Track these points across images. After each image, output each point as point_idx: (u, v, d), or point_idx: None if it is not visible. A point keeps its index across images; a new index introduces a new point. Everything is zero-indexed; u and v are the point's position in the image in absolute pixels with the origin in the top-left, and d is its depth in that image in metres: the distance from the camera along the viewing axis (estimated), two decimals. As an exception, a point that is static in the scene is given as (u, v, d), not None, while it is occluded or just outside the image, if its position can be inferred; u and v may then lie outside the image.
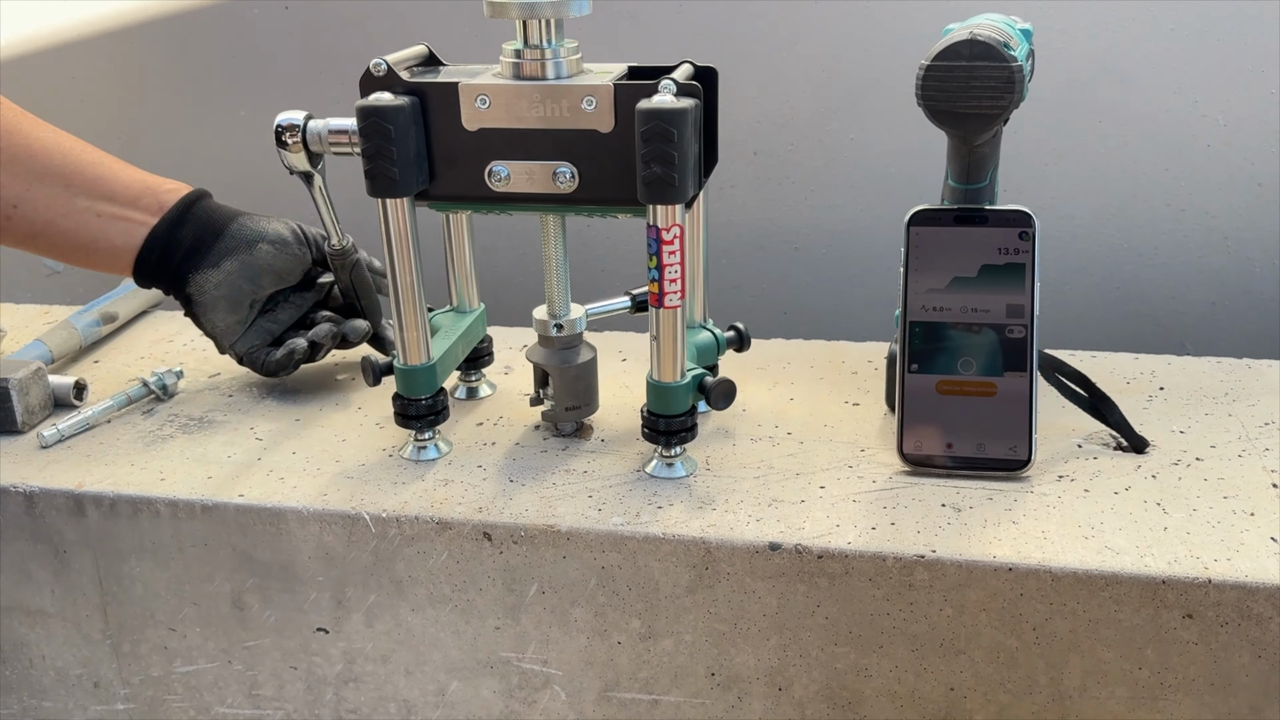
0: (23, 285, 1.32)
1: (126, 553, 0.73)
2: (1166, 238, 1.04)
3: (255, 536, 0.70)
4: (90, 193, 0.78)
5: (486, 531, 0.67)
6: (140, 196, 0.79)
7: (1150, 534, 0.62)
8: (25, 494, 0.73)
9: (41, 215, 0.77)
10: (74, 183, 0.78)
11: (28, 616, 0.77)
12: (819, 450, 0.73)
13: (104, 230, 0.78)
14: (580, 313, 0.74)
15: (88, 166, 0.78)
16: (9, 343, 0.94)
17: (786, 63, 1.06)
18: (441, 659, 0.71)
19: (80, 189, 0.78)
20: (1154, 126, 1.01)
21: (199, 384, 0.87)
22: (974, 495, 0.67)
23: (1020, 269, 0.69)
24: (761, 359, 0.87)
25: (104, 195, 0.78)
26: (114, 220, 0.78)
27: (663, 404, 0.68)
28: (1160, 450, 0.71)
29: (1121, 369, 0.84)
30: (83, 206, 0.78)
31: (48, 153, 0.78)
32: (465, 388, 0.83)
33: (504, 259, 1.18)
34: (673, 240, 0.63)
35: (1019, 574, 0.61)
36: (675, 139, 0.61)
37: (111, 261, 0.79)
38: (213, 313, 0.80)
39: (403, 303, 0.69)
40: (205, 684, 0.76)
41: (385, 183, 0.66)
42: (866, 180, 1.09)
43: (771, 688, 0.67)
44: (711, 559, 0.64)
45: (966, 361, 0.70)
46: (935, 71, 0.64)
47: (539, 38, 0.66)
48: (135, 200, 0.79)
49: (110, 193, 0.78)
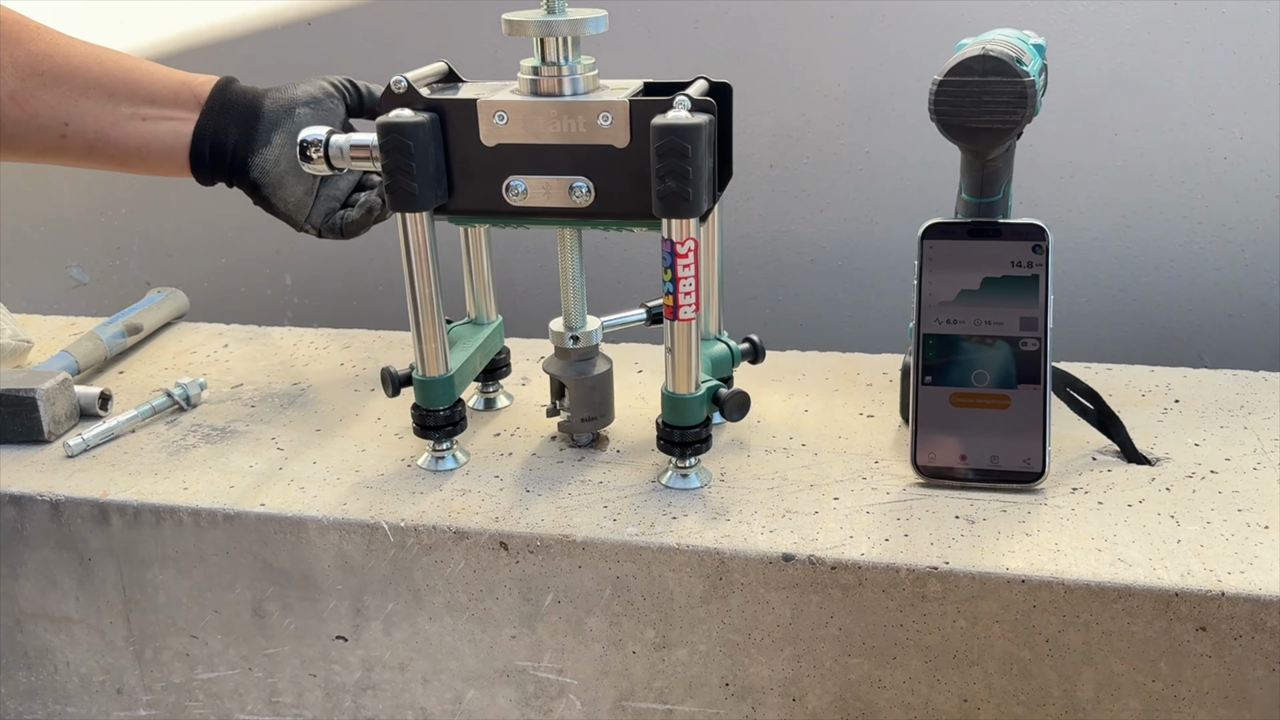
0: (49, 298, 1.35)
1: (149, 561, 0.74)
2: (1182, 250, 1.04)
3: (276, 545, 0.71)
4: (132, 98, 0.80)
5: (503, 541, 0.67)
6: (178, 94, 0.80)
7: (1164, 546, 0.63)
8: (51, 502, 0.74)
9: (92, 128, 0.79)
10: (116, 91, 0.79)
11: (53, 623, 0.78)
12: (833, 462, 0.73)
13: (153, 132, 0.80)
14: (596, 325, 0.75)
15: (125, 72, 0.80)
16: (36, 354, 0.96)
17: (802, 77, 1.07)
18: (458, 667, 0.72)
19: (123, 96, 0.79)
20: (1170, 139, 1.02)
21: (221, 395, 0.88)
22: (988, 507, 0.67)
23: (1034, 282, 0.70)
24: (777, 371, 0.88)
25: (145, 98, 0.80)
26: (159, 121, 0.80)
27: (677, 415, 0.69)
28: (1174, 463, 0.72)
29: (1137, 381, 0.84)
30: (128, 113, 0.79)
31: (86, 67, 0.79)
32: (483, 399, 0.84)
33: (522, 272, 1.19)
34: (687, 254, 0.64)
35: (1032, 586, 0.61)
36: (689, 154, 0.62)
37: (168, 163, 0.81)
38: (281, 189, 0.81)
39: (421, 315, 0.70)
40: (226, 691, 0.77)
41: (405, 197, 0.67)
42: (882, 193, 1.09)
43: (785, 698, 0.67)
44: (725, 569, 0.65)
45: (980, 374, 0.70)
46: (948, 86, 0.65)
47: (556, 55, 0.67)
48: (174, 98, 0.80)
49: (150, 95, 0.80)
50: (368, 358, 0.94)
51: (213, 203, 0.87)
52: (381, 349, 0.96)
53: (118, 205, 1.30)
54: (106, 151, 0.80)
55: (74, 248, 1.33)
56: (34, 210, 1.31)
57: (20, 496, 0.74)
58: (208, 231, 1.28)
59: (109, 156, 0.81)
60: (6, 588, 0.77)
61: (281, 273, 1.28)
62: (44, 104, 0.78)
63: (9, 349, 0.92)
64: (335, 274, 1.26)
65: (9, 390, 0.79)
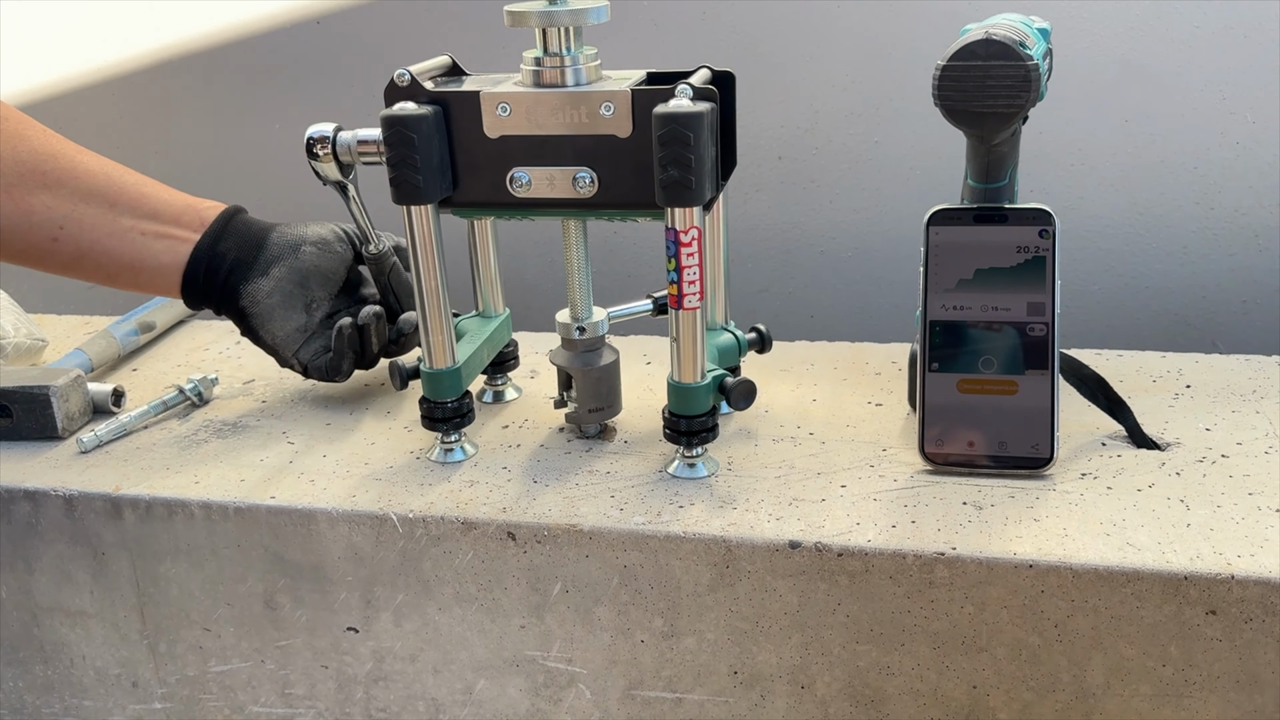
0: (64, 297, 1.36)
1: (162, 554, 0.74)
2: (1195, 236, 1.04)
3: (286, 537, 0.71)
4: (134, 211, 0.79)
5: (511, 531, 0.68)
6: (182, 214, 0.80)
7: (1173, 530, 0.62)
8: (65, 497, 0.75)
9: (88, 235, 0.78)
10: (118, 202, 0.79)
11: (68, 617, 0.79)
12: (840, 450, 0.73)
13: (149, 248, 0.79)
14: (602, 316, 0.75)
15: (130, 187, 0.80)
16: (50, 352, 0.97)
17: (809, 67, 1.07)
18: (468, 658, 0.72)
19: (124, 208, 0.79)
20: (1181, 124, 1.01)
21: (233, 391, 0.89)
22: (995, 493, 0.67)
23: (1041, 267, 0.69)
24: (785, 360, 0.88)
25: (147, 214, 0.79)
26: (158, 238, 0.79)
27: (683, 405, 0.69)
28: (1185, 447, 0.71)
29: (1148, 367, 0.83)
30: (127, 225, 0.79)
31: (91, 174, 0.79)
32: (491, 391, 0.84)
33: (531, 265, 1.20)
34: (691, 242, 0.64)
35: (1039, 571, 0.61)
36: (691, 142, 0.62)
37: (159, 281, 0.80)
38: (270, 322, 0.80)
39: (428, 308, 0.70)
40: (239, 683, 0.78)
41: (409, 190, 0.67)
42: (891, 183, 1.09)
43: (794, 686, 0.67)
44: (732, 557, 0.65)
45: (988, 360, 0.70)
46: (951, 72, 0.65)
47: (558, 46, 0.67)
48: (178, 218, 0.80)
49: (153, 211, 0.80)
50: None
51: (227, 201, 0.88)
52: (392, 344, 0.97)
53: (132, 206, 1.31)
54: (98, 261, 0.79)
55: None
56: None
57: (35, 492, 0.75)
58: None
59: (98, 266, 0.80)
60: (22, 582, 0.78)
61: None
62: (40, 203, 0.77)
63: (24, 347, 0.93)
64: (347, 271, 1.27)
65: (24, 387, 0.80)
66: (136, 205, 0.79)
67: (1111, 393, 0.74)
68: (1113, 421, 0.74)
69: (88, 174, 0.79)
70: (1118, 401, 0.74)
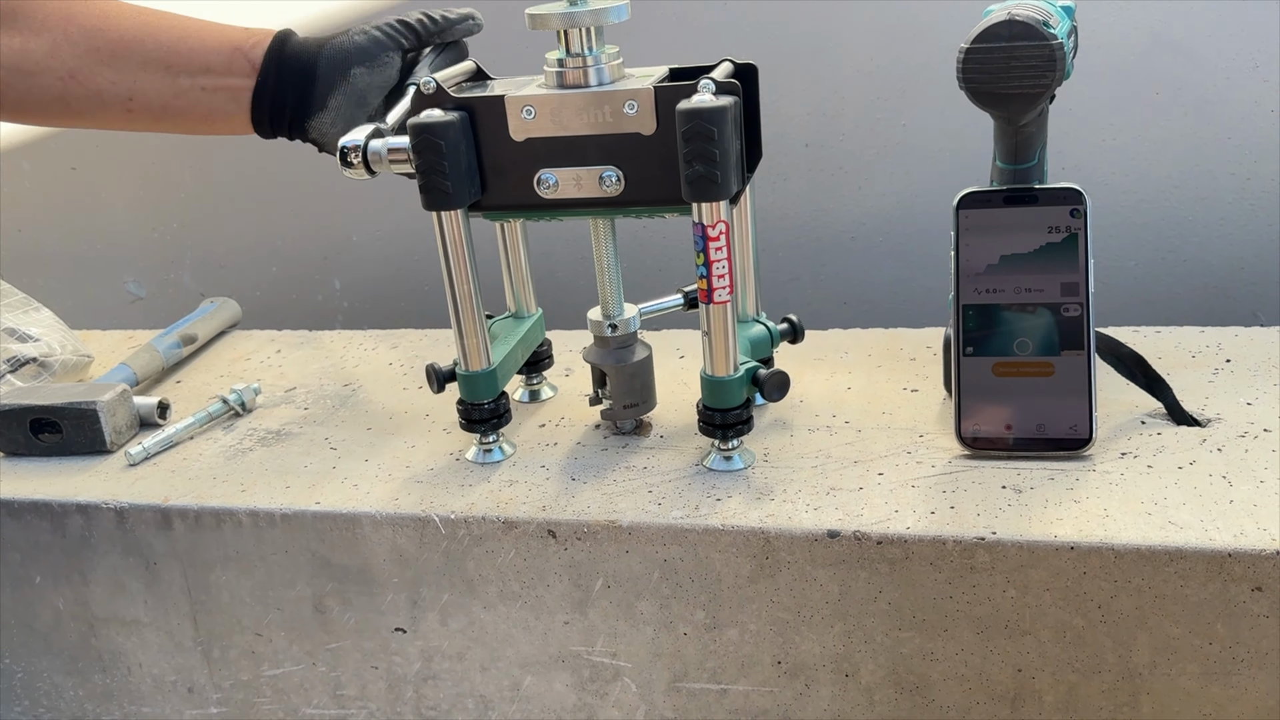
0: (107, 312, 1.38)
1: (212, 562, 0.76)
2: (1232, 208, 1.02)
3: (333, 542, 0.73)
4: (189, 69, 0.80)
5: (551, 529, 0.68)
6: (232, 61, 0.81)
7: (1215, 508, 0.62)
8: (116, 510, 0.76)
9: (155, 101, 0.81)
10: (173, 64, 0.80)
11: (124, 627, 0.81)
12: (877, 438, 0.73)
13: (213, 103, 0.81)
14: (634, 312, 0.76)
15: (178, 41, 0.81)
16: (96, 367, 0.99)
17: (833, 54, 1.07)
18: (514, 654, 0.73)
19: (180, 68, 0.80)
20: (1214, 95, 0.99)
21: (275, 399, 0.90)
22: (1035, 476, 0.67)
23: (1073, 247, 0.69)
24: (819, 349, 0.88)
25: (201, 68, 0.81)
26: (218, 91, 0.81)
27: (717, 398, 0.69)
28: (1226, 423, 0.70)
29: (1187, 343, 0.82)
30: (187, 85, 0.80)
31: (140, 39, 0.80)
32: (527, 391, 0.85)
33: (562, 264, 1.20)
34: (719, 236, 0.65)
35: (1081, 552, 0.60)
36: (716, 137, 0.62)
37: (232, 125, 0.82)
38: None
39: (461, 311, 0.71)
40: (292, 686, 0.79)
41: (439, 196, 0.68)
42: (919, 166, 1.08)
43: (838, 674, 0.68)
44: (771, 548, 0.65)
45: (1023, 342, 0.69)
46: (975, 54, 0.64)
47: (580, 46, 0.67)
48: (229, 66, 0.81)
49: (206, 64, 0.81)
50: (415, 356, 0.96)
51: (262, 213, 0.89)
52: (428, 347, 0.98)
53: (170, 220, 1.33)
54: (174, 122, 0.82)
55: (129, 263, 1.36)
56: (90, 229, 1.35)
57: (87, 505, 0.77)
58: (258, 242, 1.31)
59: (178, 125, 0.83)
60: (79, 594, 0.80)
61: (330, 278, 1.30)
62: (105, 81, 0.80)
63: (70, 363, 0.95)
64: (382, 276, 1.28)
65: (72, 403, 0.82)
66: (190, 62, 0.80)
67: (1150, 370, 0.73)
68: (1152, 399, 0.73)
69: (138, 40, 0.80)
70: (1156, 379, 0.73)
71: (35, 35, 0.79)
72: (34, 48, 0.79)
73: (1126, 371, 0.74)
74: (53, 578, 0.80)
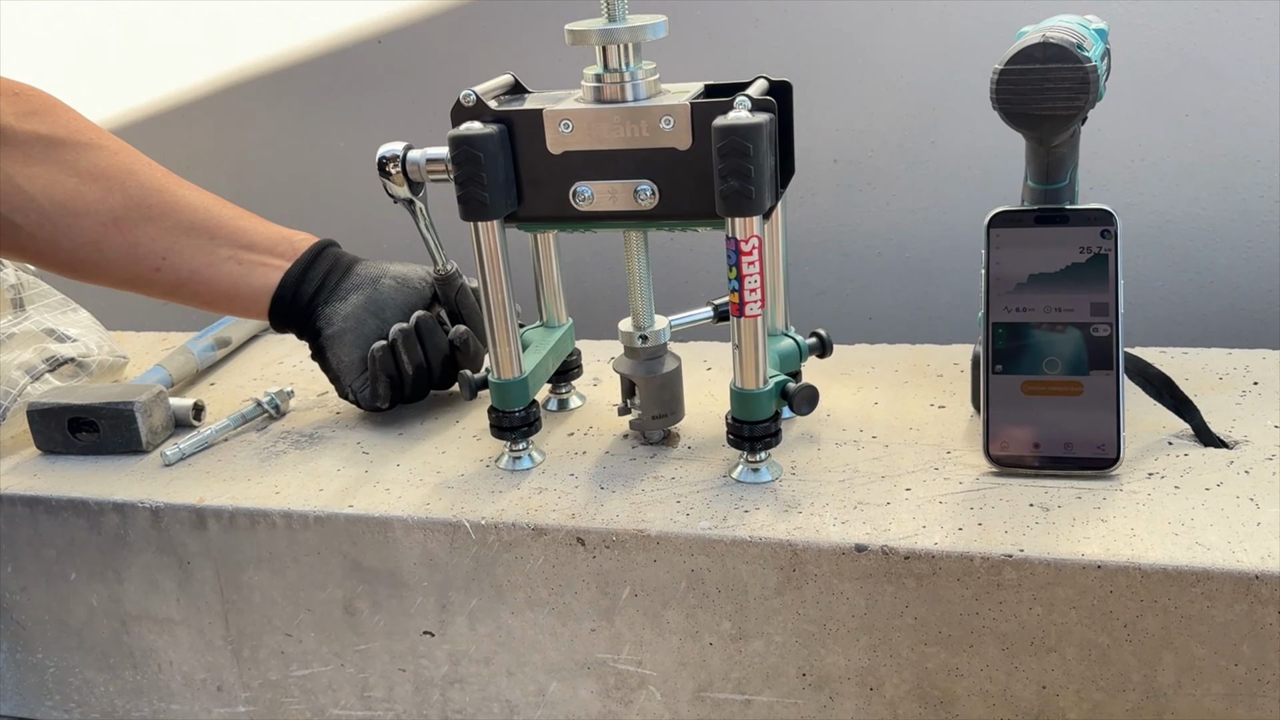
0: (142, 314, 1.40)
1: (245, 563, 0.77)
2: (1261, 230, 1.02)
3: (364, 545, 0.74)
4: (232, 242, 0.83)
5: (580, 537, 0.69)
6: (277, 244, 0.84)
7: (1243, 529, 0.62)
8: (151, 509, 0.78)
9: (188, 264, 0.83)
10: (217, 234, 0.83)
11: (156, 624, 0.82)
12: (904, 453, 0.74)
13: (244, 275, 0.83)
14: (664, 324, 0.77)
15: (229, 220, 0.84)
16: (131, 369, 1.00)
17: (864, 71, 1.07)
18: (541, 660, 0.74)
19: (223, 239, 0.83)
20: (1243, 118, 1.00)
21: (309, 402, 0.92)
22: (1062, 494, 0.67)
23: (1104, 267, 0.69)
24: (846, 364, 0.88)
25: (245, 244, 0.84)
26: (254, 266, 0.83)
27: (746, 410, 0.70)
28: (1253, 445, 0.71)
29: (1214, 364, 0.83)
30: (225, 255, 0.83)
31: (193, 208, 0.83)
32: (556, 400, 0.86)
33: (592, 275, 1.21)
34: (751, 251, 0.65)
35: (1108, 571, 0.61)
36: (751, 153, 0.63)
37: (250, 304, 0.84)
38: (339, 345, 0.83)
39: (495, 319, 0.72)
40: (320, 687, 0.80)
41: (477, 206, 0.69)
42: (947, 183, 1.09)
43: (863, 688, 0.68)
44: (798, 561, 0.66)
45: (1052, 361, 0.70)
46: (1009, 75, 0.65)
47: (618, 62, 0.68)
48: (273, 248, 0.84)
49: (250, 242, 0.84)
50: (445, 363, 0.97)
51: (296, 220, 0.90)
52: (458, 354, 0.99)
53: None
54: (195, 289, 0.84)
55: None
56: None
57: (123, 504, 0.78)
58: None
59: (196, 294, 0.84)
60: (113, 591, 0.81)
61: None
62: (145, 235, 0.82)
63: (107, 364, 0.97)
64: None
65: (108, 403, 0.83)
66: (234, 237, 0.83)
67: (1177, 391, 0.74)
68: (1179, 420, 0.74)
69: (189, 208, 0.83)
70: (1184, 400, 0.73)
71: (93, 181, 0.81)
72: (87, 191, 0.81)
73: (1154, 392, 0.75)
74: (87, 575, 0.81)
